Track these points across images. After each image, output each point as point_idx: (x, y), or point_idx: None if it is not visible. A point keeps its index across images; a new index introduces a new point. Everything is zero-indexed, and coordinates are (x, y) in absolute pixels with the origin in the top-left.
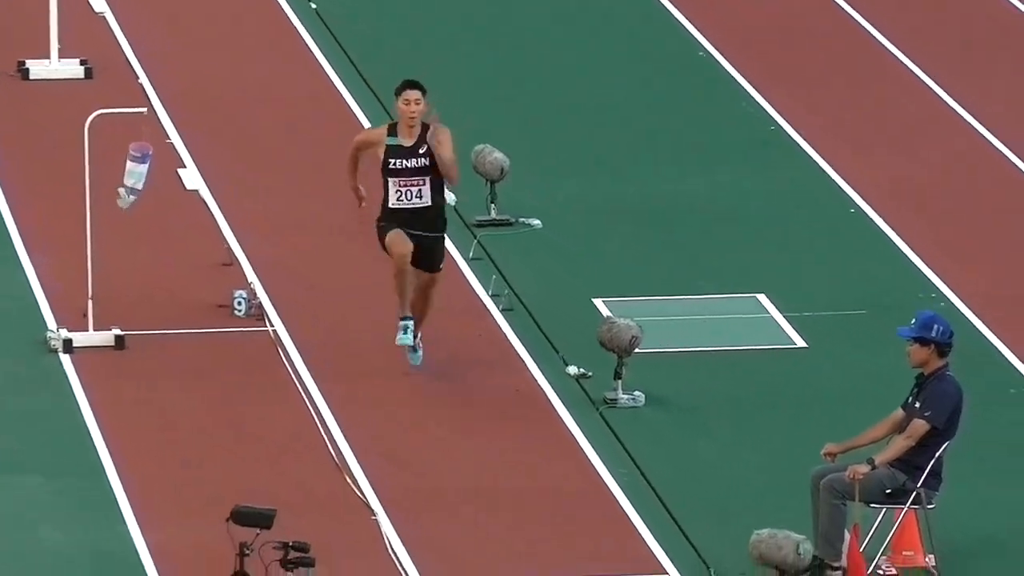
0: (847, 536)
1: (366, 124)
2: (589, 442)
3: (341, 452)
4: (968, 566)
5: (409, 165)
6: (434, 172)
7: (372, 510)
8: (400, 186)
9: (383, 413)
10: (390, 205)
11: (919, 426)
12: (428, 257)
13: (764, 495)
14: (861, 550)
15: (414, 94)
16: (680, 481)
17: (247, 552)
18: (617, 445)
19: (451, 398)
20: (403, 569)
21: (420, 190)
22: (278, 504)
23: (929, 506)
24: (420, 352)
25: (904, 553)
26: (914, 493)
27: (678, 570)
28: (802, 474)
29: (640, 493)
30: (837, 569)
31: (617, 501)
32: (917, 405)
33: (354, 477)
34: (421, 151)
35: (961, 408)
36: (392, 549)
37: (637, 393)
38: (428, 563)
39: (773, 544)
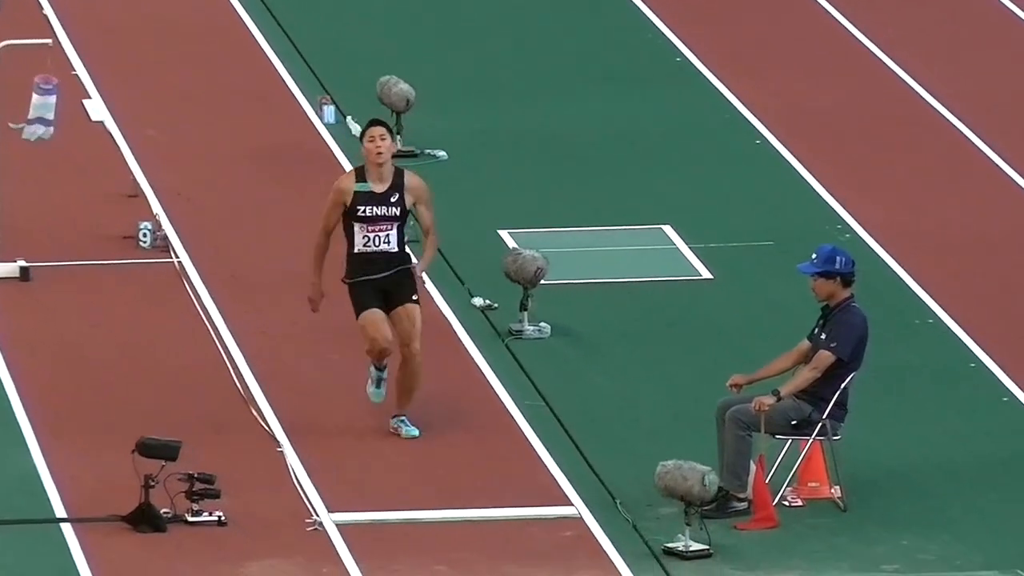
0: (752, 467)
1: (272, 56)
2: (495, 373)
3: (246, 383)
4: (873, 496)
5: (379, 213)
6: (403, 219)
7: (277, 441)
8: (368, 232)
9: (289, 344)
10: (355, 250)
11: (825, 357)
12: (398, 291)
13: (670, 426)
14: (767, 481)
15: (379, 131)
16: (586, 413)
17: (152, 484)
18: (523, 377)
19: (356, 330)
20: (308, 499)
21: (388, 235)
22: (183, 436)
23: (835, 437)
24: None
25: (810, 484)
26: (820, 424)
27: (584, 502)
28: (708, 405)
29: (546, 425)
30: (743, 500)
31: (523, 433)
32: (823, 336)
33: (259, 408)
34: (393, 199)
35: (866, 339)
36: (297, 480)
37: (543, 324)
38: (334, 494)
39: (679, 475)
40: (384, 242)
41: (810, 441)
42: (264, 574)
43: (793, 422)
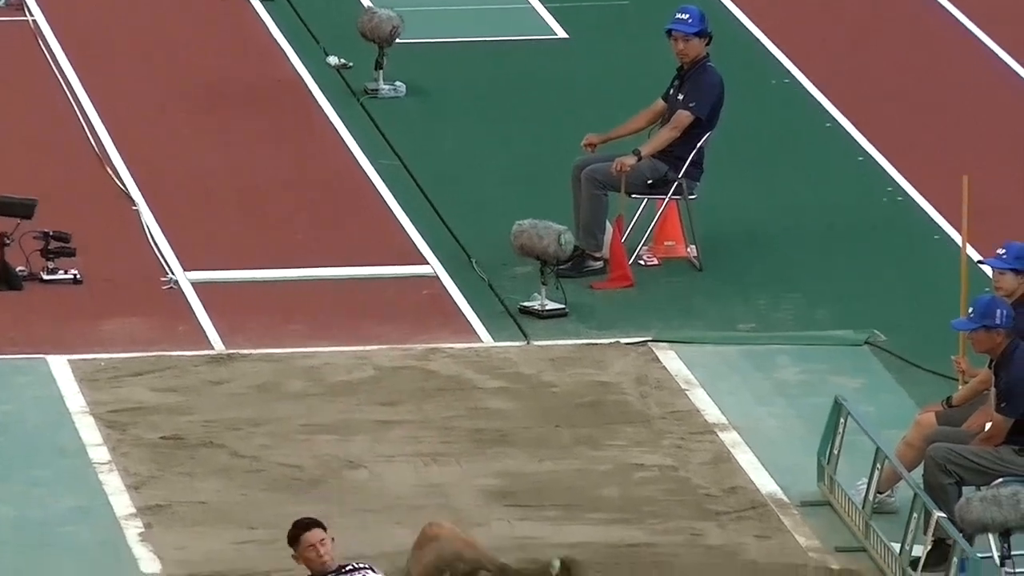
0: (608, 227)
1: None
2: (350, 133)
3: (101, 142)
4: (728, 256)
5: None
6: None
7: (133, 200)
8: None
9: (142, 106)
10: None
11: (683, 117)
12: None
13: (525, 186)
14: (623, 241)
15: (318, 534)
16: (441, 172)
17: (7, 242)
18: (378, 136)
19: (209, 89)
20: (164, 259)
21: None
22: (38, 194)
23: (690, 197)
24: None
25: (666, 243)
26: (676, 183)
27: (440, 261)
28: (563, 165)
29: (401, 184)
30: (599, 260)
31: (379, 193)
32: (680, 97)
33: (114, 167)
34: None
35: (723, 99)
36: (152, 238)
37: (398, 83)
38: (189, 253)
39: (534, 234)
40: None
41: (666, 200)
42: (120, 332)
43: (649, 181)
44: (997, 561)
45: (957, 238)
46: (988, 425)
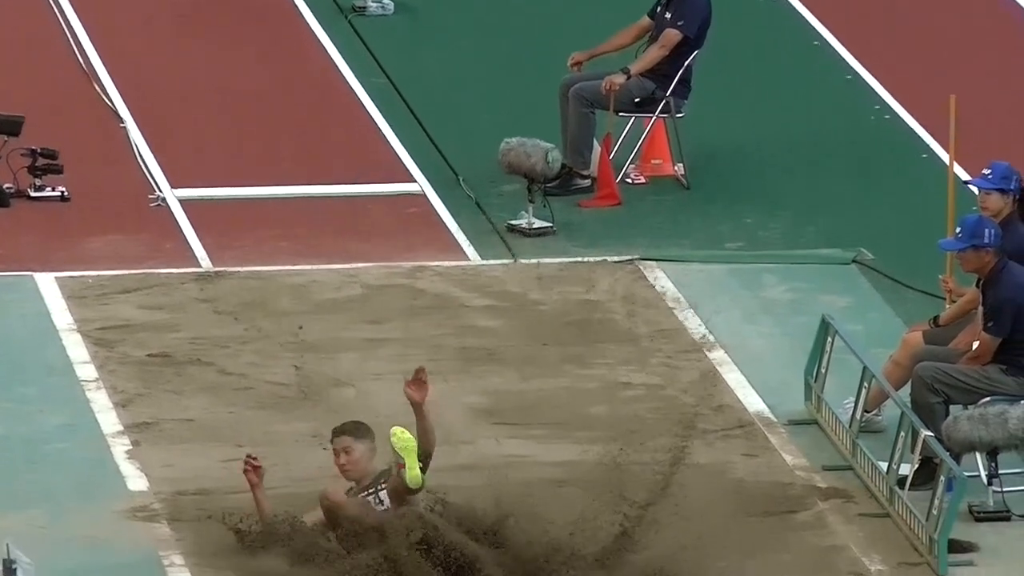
0: (596, 145)
1: None
2: (338, 50)
3: (89, 59)
4: (716, 175)
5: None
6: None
7: (120, 117)
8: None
9: (129, 22)
10: None
11: (672, 35)
12: None
13: (512, 104)
14: (611, 159)
15: (343, 441)
16: (430, 90)
17: None
18: (366, 53)
19: (196, 5)
20: (151, 175)
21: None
22: (26, 111)
23: (678, 115)
24: None
25: (653, 162)
26: (663, 101)
27: (427, 179)
28: (551, 82)
29: (389, 102)
30: (586, 178)
31: (366, 110)
32: (668, 15)
33: (102, 84)
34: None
35: (710, 18)
36: (140, 156)
37: (386, 1)
38: (176, 169)
39: (522, 152)
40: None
41: (654, 118)
42: (107, 249)
43: (637, 100)
44: (984, 480)
45: (945, 156)
46: (975, 344)
